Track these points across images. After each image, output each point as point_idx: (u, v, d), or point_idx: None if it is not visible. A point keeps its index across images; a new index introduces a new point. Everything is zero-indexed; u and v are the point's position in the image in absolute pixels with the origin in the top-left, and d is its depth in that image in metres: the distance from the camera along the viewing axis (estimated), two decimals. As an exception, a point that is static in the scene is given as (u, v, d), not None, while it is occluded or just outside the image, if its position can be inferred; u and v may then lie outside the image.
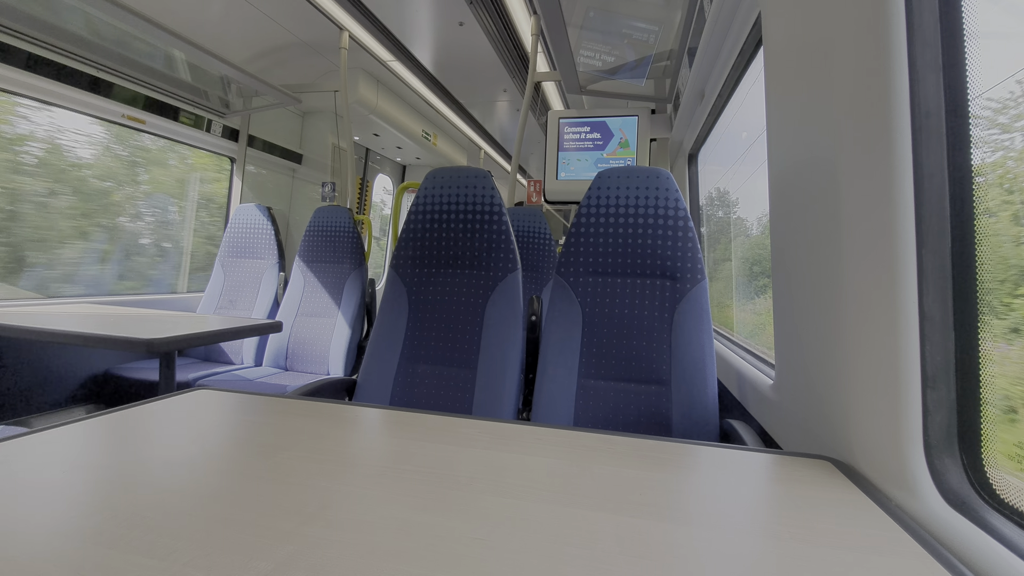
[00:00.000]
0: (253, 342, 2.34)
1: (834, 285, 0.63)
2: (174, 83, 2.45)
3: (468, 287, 1.30)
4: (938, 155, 0.52)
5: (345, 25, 2.52)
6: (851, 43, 0.59)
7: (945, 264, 0.51)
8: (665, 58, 2.24)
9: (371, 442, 0.61)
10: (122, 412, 0.67)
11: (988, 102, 0.49)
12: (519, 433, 0.66)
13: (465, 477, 0.51)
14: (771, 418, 0.89)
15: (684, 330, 1.11)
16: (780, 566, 0.37)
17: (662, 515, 0.44)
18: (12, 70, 1.78)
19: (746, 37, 1.27)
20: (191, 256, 2.80)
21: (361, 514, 0.42)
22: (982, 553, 0.40)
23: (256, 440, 0.59)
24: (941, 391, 0.51)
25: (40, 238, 2.03)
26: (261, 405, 0.74)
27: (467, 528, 0.40)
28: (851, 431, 0.59)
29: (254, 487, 0.46)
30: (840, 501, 0.49)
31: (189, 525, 0.38)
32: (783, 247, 0.81)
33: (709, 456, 0.61)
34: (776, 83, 0.82)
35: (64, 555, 0.34)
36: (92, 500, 0.42)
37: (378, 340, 1.29)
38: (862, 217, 0.58)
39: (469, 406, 1.20)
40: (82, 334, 1.32)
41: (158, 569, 0.33)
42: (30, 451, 0.52)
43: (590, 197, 1.22)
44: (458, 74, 3.24)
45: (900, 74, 0.53)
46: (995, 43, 0.49)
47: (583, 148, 2.41)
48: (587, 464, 0.56)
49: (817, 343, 0.68)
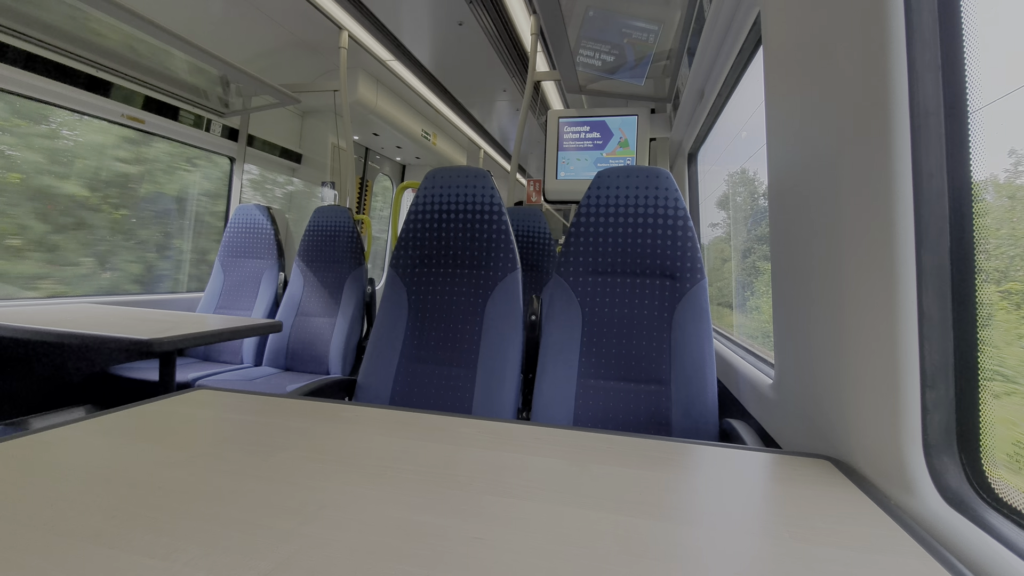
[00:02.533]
0: (253, 342, 2.34)
1: (833, 284, 0.63)
2: (174, 83, 2.45)
3: (468, 287, 1.30)
4: (937, 155, 0.52)
5: (344, 25, 2.52)
6: (850, 42, 0.59)
7: (944, 263, 0.51)
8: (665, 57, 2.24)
9: (371, 442, 0.61)
10: (122, 412, 0.67)
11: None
12: (519, 433, 0.66)
13: (465, 477, 0.51)
14: (770, 417, 0.89)
15: (684, 330, 1.11)
16: (779, 565, 0.37)
17: (662, 514, 0.44)
18: (11, 69, 1.78)
19: (745, 37, 1.27)
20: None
21: (361, 514, 0.42)
22: (981, 552, 0.40)
23: (256, 440, 0.59)
24: (940, 390, 0.51)
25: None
26: (261, 405, 0.74)
27: (467, 527, 0.40)
28: (850, 430, 0.59)
29: (254, 487, 0.46)
30: (839, 500, 0.49)
31: (189, 525, 0.39)
32: (782, 247, 0.82)
33: (709, 455, 0.61)
34: (775, 83, 0.82)
35: (64, 555, 0.34)
36: (92, 500, 0.42)
37: (378, 340, 1.29)
38: (861, 216, 0.58)
39: (469, 406, 1.20)
40: (82, 334, 1.32)
41: (159, 569, 0.33)
42: (30, 451, 0.52)
43: (590, 197, 1.22)
44: (457, 74, 3.24)
45: (899, 74, 0.53)
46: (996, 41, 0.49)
47: (583, 148, 2.41)
48: (587, 464, 0.56)
49: (816, 342, 0.69)
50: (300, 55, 2.87)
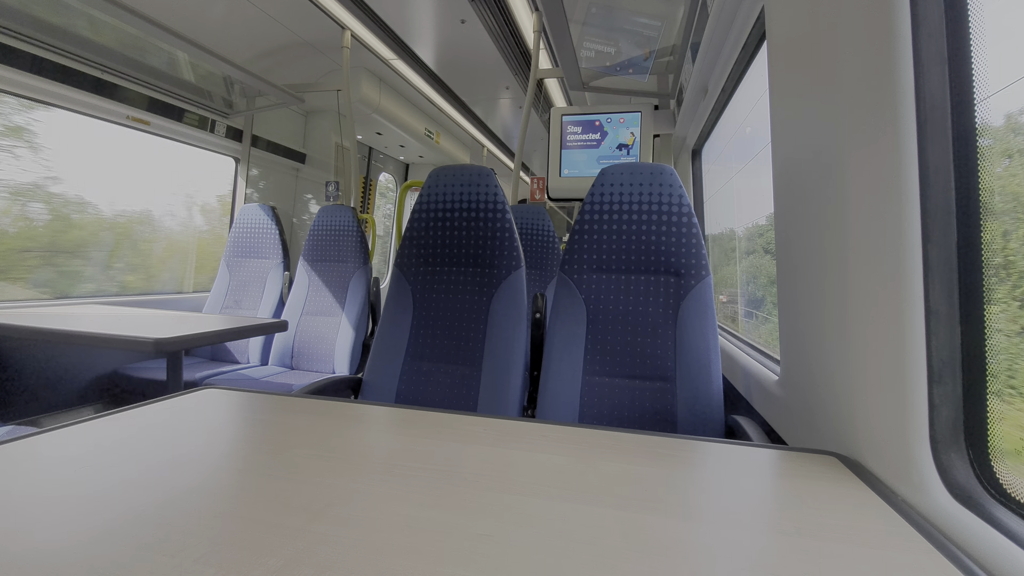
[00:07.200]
0: (259, 341, 2.35)
1: (840, 280, 0.63)
2: (178, 84, 2.46)
3: (472, 285, 1.31)
4: (944, 148, 0.51)
5: (347, 24, 2.53)
6: (855, 36, 0.59)
7: (951, 258, 0.51)
8: (668, 54, 2.22)
9: (377, 440, 0.61)
10: (131, 411, 0.68)
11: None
12: (524, 430, 0.66)
13: (471, 474, 0.51)
14: (776, 414, 0.89)
15: (689, 326, 1.11)
16: (786, 562, 0.37)
17: (667, 511, 0.44)
18: (16, 72, 1.79)
19: (749, 32, 1.26)
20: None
21: (368, 511, 0.42)
22: (989, 548, 0.40)
23: (263, 438, 0.59)
24: (947, 386, 0.50)
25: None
26: (268, 403, 0.74)
27: (473, 524, 0.40)
28: (857, 426, 0.59)
29: (262, 484, 0.46)
30: (846, 496, 0.49)
31: (199, 522, 0.39)
32: (788, 242, 0.81)
33: (714, 452, 0.61)
34: (780, 77, 0.81)
35: (76, 552, 0.35)
36: (102, 498, 0.43)
37: (383, 338, 1.30)
38: (867, 211, 0.57)
39: (474, 403, 1.21)
40: (90, 334, 1.33)
41: (169, 565, 0.33)
42: (40, 450, 0.53)
43: (593, 194, 1.22)
44: (460, 72, 3.24)
45: (905, 67, 0.53)
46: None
47: (586, 145, 2.40)
48: (592, 460, 0.56)
49: (823, 338, 0.68)
50: (303, 55, 2.88)
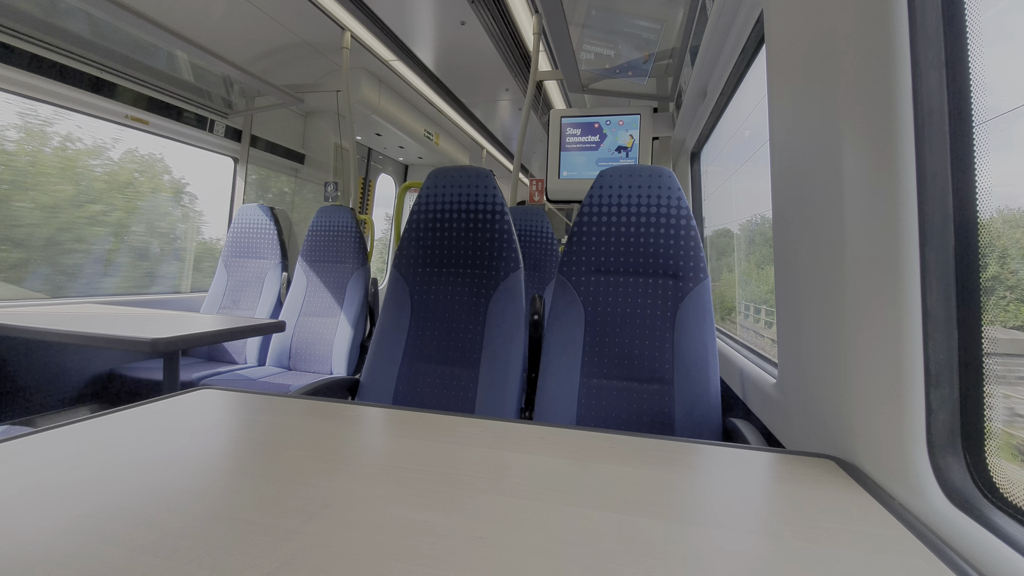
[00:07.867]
0: (256, 342, 2.35)
1: (837, 283, 0.63)
2: (177, 83, 2.46)
3: (470, 286, 1.30)
4: (941, 152, 0.52)
5: (347, 25, 2.53)
6: (853, 40, 0.59)
7: (948, 262, 0.51)
8: (667, 56, 2.23)
9: (374, 441, 0.61)
10: (126, 411, 0.67)
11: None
12: (522, 432, 0.66)
13: (467, 476, 0.51)
14: (774, 417, 0.89)
15: (686, 329, 1.11)
16: (783, 565, 0.37)
17: (665, 514, 0.44)
18: (15, 71, 1.79)
19: (748, 35, 1.26)
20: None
21: (364, 513, 0.42)
22: (986, 552, 0.40)
23: (260, 439, 0.59)
24: (944, 389, 0.50)
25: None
26: (264, 404, 0.74)
27: (469, 527, 0.40)
28: (854, 430, 0.59)
29: (258, 486, 0.46)
30: (843, 500, 0.49)
31: (193, 523, 0.39)
32: (786, 245, 0.81)
33: (712, 455, 0.61)
34: (778, 81, 0.82)
35: (69, 553, 0.34)
36: (96, 499, 0.42)
37: (381, 339, 1.29)
38: (865, 215, 0.57)
39: (472, 405, 1.21)
40: (87, 334, 1.32)
41: (162, 567, 0.33)
42: (35, 450, 0.53)
43: (592, 196, 1.22)
44: (460, 73, 3.25)
45: (903, 72, 0.53)
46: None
47: (585, 147, 2.41)
48: (589, 463, 0.56)
49: (820, 341, 0.68)
50: (303, 56, 2.88)
